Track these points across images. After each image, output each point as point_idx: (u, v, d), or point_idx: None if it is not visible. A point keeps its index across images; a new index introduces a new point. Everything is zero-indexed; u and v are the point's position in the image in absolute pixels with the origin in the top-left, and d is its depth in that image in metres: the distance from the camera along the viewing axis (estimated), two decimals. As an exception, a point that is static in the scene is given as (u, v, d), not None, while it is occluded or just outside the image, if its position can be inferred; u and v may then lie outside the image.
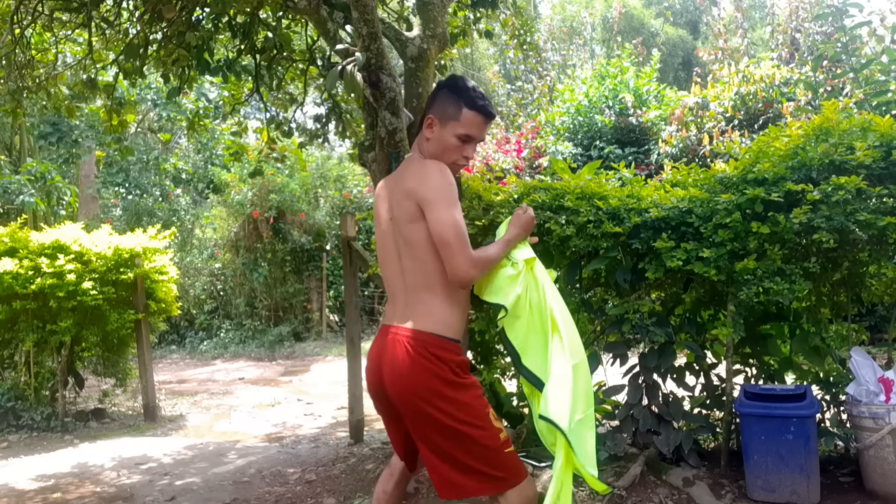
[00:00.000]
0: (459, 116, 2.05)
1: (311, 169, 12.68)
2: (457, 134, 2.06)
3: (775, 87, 8.74)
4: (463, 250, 1.93)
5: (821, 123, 3.49)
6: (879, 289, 3.83)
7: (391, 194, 2.10)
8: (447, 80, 2.15)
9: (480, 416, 1.97)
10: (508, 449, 1.98)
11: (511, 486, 1.95)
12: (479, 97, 2.07)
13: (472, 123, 2.06)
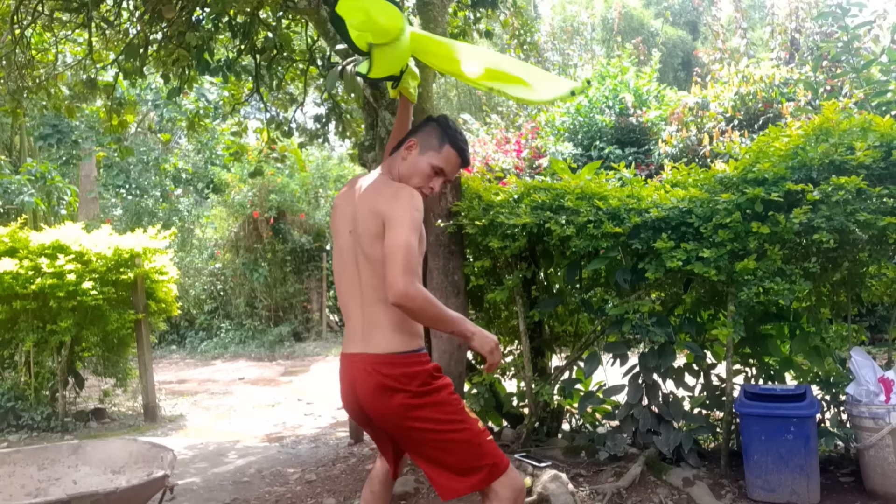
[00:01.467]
0: (441, 149, 2.15)
1: (311, 169, 12.68)
2: (432, 164, 2.14)
3: (775, 88, 8.74)
4: (406, 268, 1.91)
5: (821, 123, 3.49)
6: (879, 289, 3.83)
7: (355, 209, 2.11)
8: (440, 116, 2.24)
9: (456, 411, 2.02)
10: (488, 437, 2.04)
11: (500, 471, 1.99)
12: (463, 141, 2.19)
13: (449, 160, 2.16)
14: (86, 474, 2.56)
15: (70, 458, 2.62)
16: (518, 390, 4.24)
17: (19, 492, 2.50)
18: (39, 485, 2.55)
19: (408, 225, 1.97)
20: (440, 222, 3.71)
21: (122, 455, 2.58)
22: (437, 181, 2.16)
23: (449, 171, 2.17)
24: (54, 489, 2.52)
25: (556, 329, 4.27)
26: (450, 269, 3.72)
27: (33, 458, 2.61)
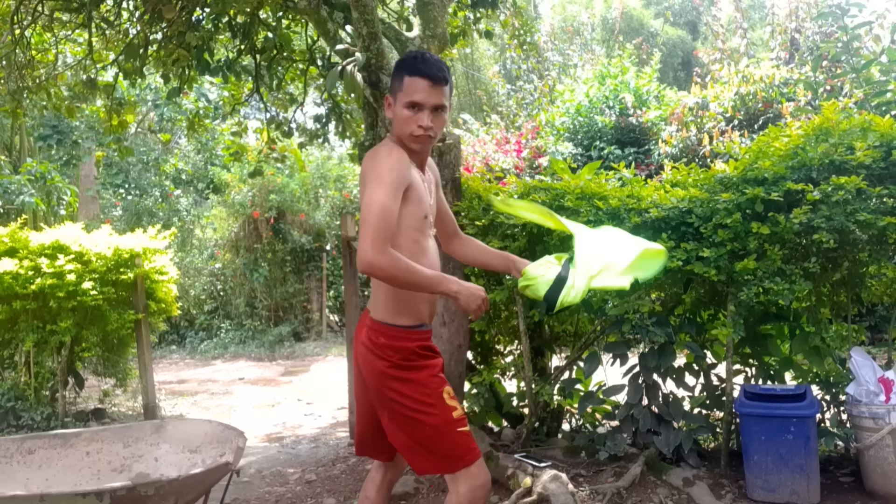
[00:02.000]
0: (402, 86, 2.03)
1: (311, 169, 12.67)
2: (404, 104, 2.02)
3: (775, 88, 8.74)
4: (374, 234, 1.84)
5: (821, 123, 3.49)
6: (879, 289, 3.83)
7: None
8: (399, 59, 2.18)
9: (432, 395, 2.03)
10: (462, 428, 2.03)
11: (464, 465, 2.01)
12: (421, 62, 2.03)
13: (416, 89, 2.01)
14: (166, 452, 2.64)
15: (152, 437, 2.70)
16: (518, 390, 4.24)
17: (106, 467, 2.60)
18: (125, 461, 2.64)
19: (379, 183, 1.91)
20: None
21: (199, 435, 2.65)
22: (420, 116, 2.01)
23: (422, 99, 2.00)
24: (137, 465, 2.61)
25: (556, 329, 4.27)
26: (449, 269, 3.71)
27: (119, 436, 2.70)
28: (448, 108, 2.09)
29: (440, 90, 2.03)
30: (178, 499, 2.11)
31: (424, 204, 2.09)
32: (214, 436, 2.59)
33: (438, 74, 2.03)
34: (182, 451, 2.61)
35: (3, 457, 2.53)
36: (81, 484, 2.54)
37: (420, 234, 2.07)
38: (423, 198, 2.09)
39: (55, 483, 2.54)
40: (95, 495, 1.96)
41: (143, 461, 2.64)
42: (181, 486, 2.11)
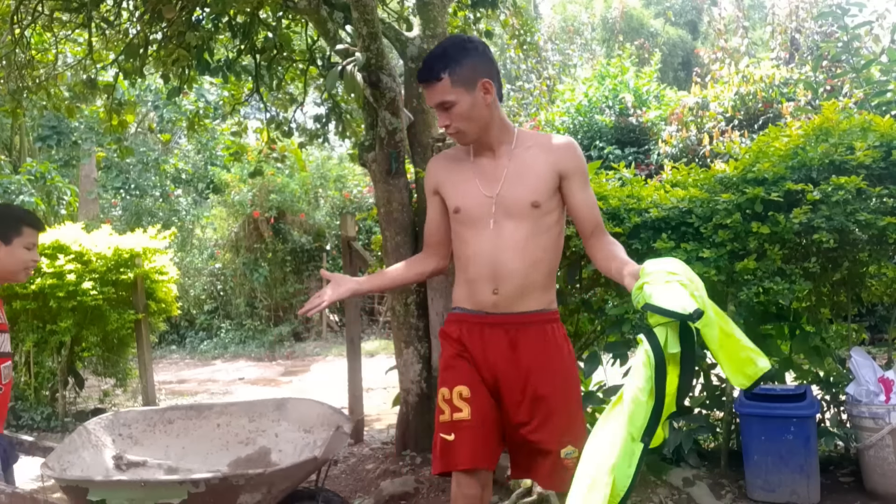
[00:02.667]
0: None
1: (311, 169, 12.67)
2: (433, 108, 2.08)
3: (775, 88, 8.74)
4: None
5: (821, 123, 3.49)
6: (879, 289, 3.83)
7: None
8: None
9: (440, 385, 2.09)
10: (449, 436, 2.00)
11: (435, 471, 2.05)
12: (419, 69, 2.04)
13: (424, 95, 2.09)
14: (285, 429, 2.74)
15: (274, 413, 2.80)
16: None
17: (234, 439, 2.75)
18: (249, 434, 2.77)
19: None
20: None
21: (313, 415, 2.72)
22: (440, 119, 2.03)
23: (428, 102, 2.05)
24: (260, 440, 2.74)
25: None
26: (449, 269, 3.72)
27: (246, 410, 2.82)
28: (458, 100, 1.97)
29: (433, 88, 1.98)
30: (270, 488, 2.17)
31: (453, 200, 2.09)
32: (325, 418, 2.64)
33: (424, 75, 2.00)
34: (298, 430, 2.70)
35: (148, 426, 2.74)
36: (213, 452, 2.72)
37: (457, 225, 2.11)
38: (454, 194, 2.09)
39: (190, 451, 2.73)
40: (192, 483, 2.05)
41: (265, 436, 2.76)
42: (271, 477, 2.17)
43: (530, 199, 2.00)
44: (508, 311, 2.03)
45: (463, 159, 2.12)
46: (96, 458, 2.58)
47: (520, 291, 2.02)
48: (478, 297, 2.05)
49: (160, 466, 2.64)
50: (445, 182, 2.12)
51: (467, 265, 2.08)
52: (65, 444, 2.53)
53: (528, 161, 2.04)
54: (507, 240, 2.01)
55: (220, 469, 2.63)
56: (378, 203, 3.94)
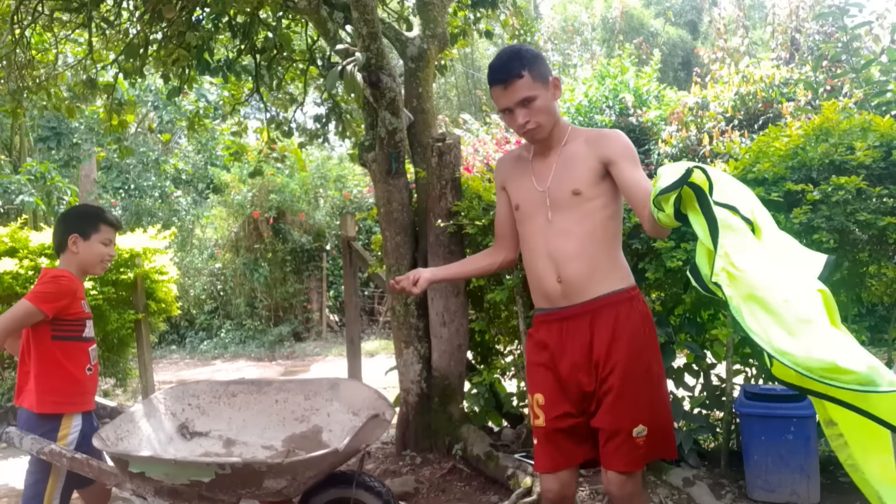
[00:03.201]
0: (492, 98, 2.13)
1: (311, 169, 12.67)
2: (499, 112, 2.16)
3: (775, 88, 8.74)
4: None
5: (821, 123, 3.49)
6: (879, 289, 3.83)
7: None
8: None
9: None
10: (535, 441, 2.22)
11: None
12: (492, 69, 2.10)
13: (496, 98, 2.12)
14: (336, 409, 2.80)
15: (327, 393, 2.86)
16: (518, 390, 4.24)
17: (290, 416, 2.84)
18: (305, 412, 2.85)
19: None
20: (440, 222, 3.71)
21: (360, 398, 2.76)
22: (513, 117, 2.10)
23: (503, 104, 2.10)
24: (314, 418, 2.82)
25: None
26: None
27: (301, 388, 2.91)
28: (540, 94, 2.06)
29: (516, 86, 2.05)
30: (294, 476, 2.21)
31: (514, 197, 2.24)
32: (370, 401, 2.69)
33: (504, 75, 2.05)
34: (347, 412, 2.75)
35: (214, 398, 2.88)
36: (270, 427, 2.83)
37: (518, 222, 2.25)
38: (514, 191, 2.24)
39: (250, 424, 2.84)
40: (218, 465, 2.15)
41: (318, 415, 2.83)
42: (292, 467, 2.20)
43: (571, 188, 2.11)
44: (580, 300, 2.10)
45: (524, 158, 2.27)
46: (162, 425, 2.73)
47: (582, 276, 2.09)
48: (547, 289, 2.15)
49: (220, 437, 2.77)
50: (510, 179, 2.28)
51: (530, 260, 2.21)
52: (128, 413, 2.67)
53: (574, 154, 2.16)
54: (557, 228, 2.12)
55: (275, 444, 2.75)
56: (378, 203, 3.94)
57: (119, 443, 2.50)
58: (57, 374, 2.48)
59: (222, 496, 2.25)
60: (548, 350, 2.16)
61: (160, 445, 2.67)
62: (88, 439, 2.49)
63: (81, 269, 2.60)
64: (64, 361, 2.49)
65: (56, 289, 2.47)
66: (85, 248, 2.56)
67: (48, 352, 2.48)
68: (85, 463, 2.32)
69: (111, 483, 2.38)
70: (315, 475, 2.31)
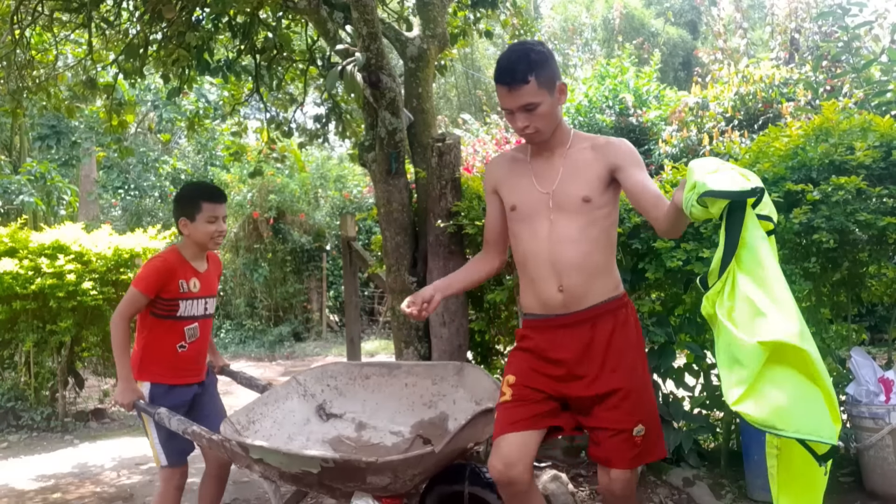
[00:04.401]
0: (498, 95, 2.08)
1: (311, 169, 12.67)
2: (503, 111, 2.12)
3: (775, 88, 8.74)
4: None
5: (821, 123, 3.49)
6: (879, 289, 3.83)
7: None
8: None
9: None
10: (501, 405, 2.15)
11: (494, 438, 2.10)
12: (499, 68, 2.05)
13: (499, 96, 2.07)
14: (461, 397, 2.75)
15: (453, 379, 2.82)
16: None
17: (419, 400, 2.81)
18: (432, 398, 2.83)
19: None
20: (440, 222, 3.71)
21: (482, 388, 2.71)
22: (515, 119, 2.06)
23: (507, 104, 2.05)
24: (441, 404, 2.79)
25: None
26: (450, 269, 3.72)
27: (429, 373, 2.88)
28: (543, 101, 2.02)
29: (520, 91, 2.00)
30: (396, 473, 2.20)
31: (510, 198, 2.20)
32: (490, 393, 2.65)
33: (509, 78, 2.00)
34: (470, 401, 2.70)
35: (350, 379, 2.90)
36: (400, 412, 2.81)
37: (513, 223, 2.20)
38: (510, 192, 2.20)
39: (382, 407, 2.83)
40: (322, 459, 2.18)
41: (445, 401, 2.79)
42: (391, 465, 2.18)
43: (582, 195, 2.09)
44: (579, 308, 2.10)
45: (520, 159, 2.23)
46: (300, 405, 2.77)
47: (584, 284, 2.09)
48: (544, 296, 2.12)
49: (353, 420, 2.79)
50: (503, 181, 2.23)
51: (526, 263, 2.16)
52: (264, 395, 2.73)
53: (581, 159, 2.13)
54: (561, 234, 2.09)
55: (403, 430, 2.74)
56: (378, 203, 3.94)
57: (250, 426, 2.55)
58: (143, 346, 2.69)
59: (337, 486, 2.28)
60: (538, 348, 2.16)
61: (296, 427, 2.68)
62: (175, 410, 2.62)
63: (197, 248, 2.75)
64: (153, 336, 2.69)
65: (148, 271, 2.65)
66: (193, 229, 2.70)
67: (144, 326, 2.71)
68: (221, 444, 2.37)
69: (242, 465, 2.42)
70: (421, 473, 2.27)
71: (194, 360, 2.80)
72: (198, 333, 2.78)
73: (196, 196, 2.73)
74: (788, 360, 1.60)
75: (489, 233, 2.32)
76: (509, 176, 2.22)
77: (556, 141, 2.16)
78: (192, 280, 2.74)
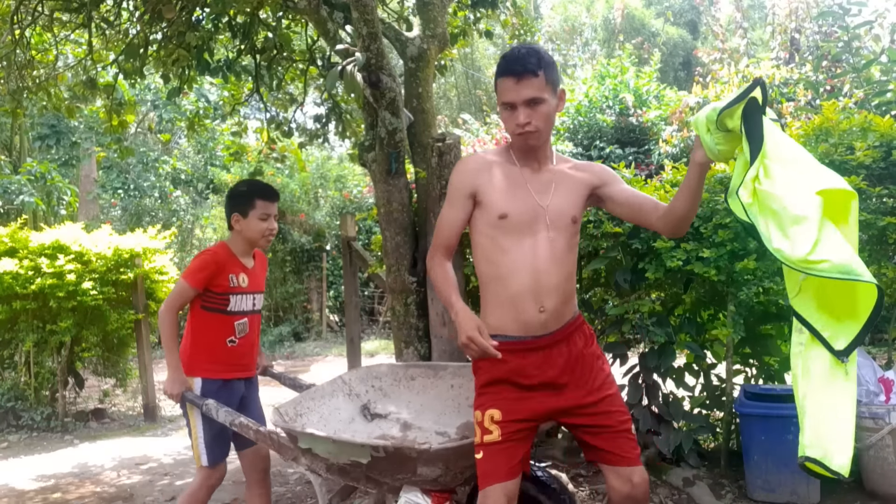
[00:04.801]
0: (497, 89, 2.03)
1: (311, 169, 12.67)
2: (501, 106, 2.03)
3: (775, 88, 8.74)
4: (433, 240, 2.14)
5: (821, 123, 3.49)
6: (879, 289, 3.82)
7: None
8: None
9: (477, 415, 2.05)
10: (478, 455, 2.00)
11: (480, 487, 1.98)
12: (506, 59, 1.99)
13: (504, 89, 1.99)
14: None
15: None
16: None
17: (465, 402, 2.73)
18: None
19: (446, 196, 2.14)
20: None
21: None
22: (517, 114, 1.97)
23: (511, 98, 1.97)
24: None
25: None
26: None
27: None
28: (547, 99, 1.97)
29: (528, 82, 1.94)
30: (447, 464, 2.16)
31: (499, 205, 2.02)
32: None
33: (520, 68, 1.94)
34: None
35: (395, 380, 2.89)
36: (446, 413, 2.77)
37: (498, 232, 2.03)
38: (501, 199, 2.02)
39: (427, 408, 2.80)
40: (372, 448, 2.16)
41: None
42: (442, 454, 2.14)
43: (571, 214, 2.07)
44: (557, 327, 2.05)
45: (506, 165, 2.08)
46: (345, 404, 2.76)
47: (561, 306, 2.06)
48: (525, 317, 2.01)
49: (398, 421, 2.77)
50: (488, 185, 2.05)
51: (508, 278, 2.01)
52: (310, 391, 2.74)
53: (568, 177, 2.11)
54: (550, 252, 2.02)
55: (449, 431, 2.70)
56: (378, 203, 3.94)
57: (297, 419, 2.53)
58: (194, 340, 2.70)
59: (385, 479, 2.26)
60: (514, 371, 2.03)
61: (340, 424, 2.68)
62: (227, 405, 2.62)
63: (247, 244, 2.81)
64: (203, 330, 2.70)
65: (197, 264, 2.67)
66: (245, 225, 2.76)
67: (194, 319, 2.72)
68: (268, 436, 2.37)
69: (288, 457, 2.41)
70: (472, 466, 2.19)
71: (245, 355, 2.82)
72: (247, 329, 2.80)
73: (251, 193, 2.79)
74: (836, 213, 1.66)
75: (451, 237, 2.12)
76: (499, 180, 2.05)
77: (544, 154, 2.09)
78: (241, 275, 2.77)
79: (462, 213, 2.08)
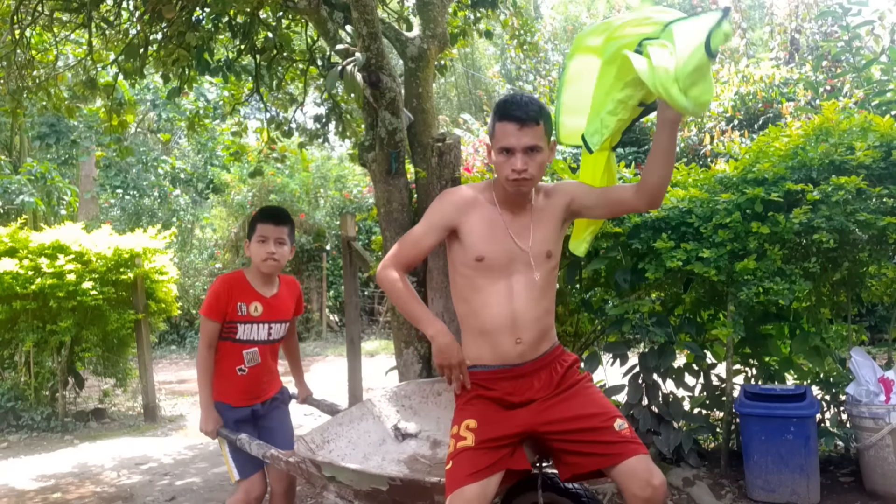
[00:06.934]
0: (494, 132, 2.04)
1: (311, 169, 12.68)
2: (497, 149, 2.04)
3: (775, 88, 8.74)
4: (392, 251, 2.16)
5: (821, 123, 3.50)
6: (879, 289, 3.83)
7: None
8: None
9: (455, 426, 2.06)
10: (447, 465, 2.00)
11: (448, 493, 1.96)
12: (509, 105, 2.03)
13: (504, 133, 2.01)
14: None
15: None
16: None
17: None
18: None
19: (423, 217, 2.16)
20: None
21: None
22: (514, 160, 2.00)
23: (511, 143, 1.99)
24: None
25: (556, 329, 4.26)
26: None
27: None
28: (544, 148, 2.03)
29: (529, 130, 1.99)
30: None
31: (477, 247, 2.06)
32: None
33: (523, 115, 1.98)
34: None
35: (423, 397, 2.85)
36: None
37: (475, 273, 2.07)
38: (479, 241, 2.06)
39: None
40: (389, 478, 2.18)
41: None
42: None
43: (546, 250, 2.10)
44: (534, 357, 2.09)
45: (486, 206, 2.11)
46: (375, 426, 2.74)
47: (539, 337, 2.10)
48: (500, 349, 2.06)
49: (428, 439, 2.74)
50: (468, 224, 2.08)
51: (480, 313, 2.07)
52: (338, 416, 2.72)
53: (543, 211, 2.14)
54: (526, 290, 2.06)
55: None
56: (378, 203, 3.93)
57: (325, 445, 2.52)
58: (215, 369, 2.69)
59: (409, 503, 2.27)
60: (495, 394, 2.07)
61: (371, 447, 2.64)
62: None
63: (255, 270, 2.72)
64: (217, 357, 2.69)
65: (209, 296, 2.66)
66: (249, 250, 2.71)
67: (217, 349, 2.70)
68: (297, 467, 2.37)
69: (319, 485, 2.40)
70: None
71: (256, 386, 2.75)
72: (258, 359, 2.72)
73: (255, 217, 2.74)
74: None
75: (411, 257, 2.16)
76: (478, 222, 2.08)
77: (527, 198, 2.12)
78: (254, 304, 2.69)
79: (433, 240, 2.13)
